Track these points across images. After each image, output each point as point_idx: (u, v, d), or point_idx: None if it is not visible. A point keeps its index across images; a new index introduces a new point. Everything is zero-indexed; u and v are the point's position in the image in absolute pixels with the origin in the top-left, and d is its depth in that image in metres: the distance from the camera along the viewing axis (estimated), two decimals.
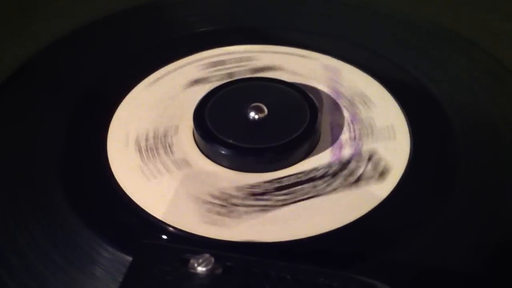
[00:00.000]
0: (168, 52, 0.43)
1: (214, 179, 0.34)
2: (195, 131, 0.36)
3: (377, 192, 0.33)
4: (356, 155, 0.35)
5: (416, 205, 0.33)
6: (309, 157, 0.35)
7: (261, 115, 0.35)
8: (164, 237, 0.31)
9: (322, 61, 0.41)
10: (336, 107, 0.38)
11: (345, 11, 0.47)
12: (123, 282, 0.26)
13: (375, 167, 0.34)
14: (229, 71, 0.41)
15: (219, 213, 0.32)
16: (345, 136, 0.36)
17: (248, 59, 0.42)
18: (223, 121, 0.36)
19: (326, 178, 0.34)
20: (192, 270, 0.25)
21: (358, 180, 0.34)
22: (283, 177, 0.34)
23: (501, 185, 0.34)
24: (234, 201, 0.33)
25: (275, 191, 0.33)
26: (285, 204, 0.33)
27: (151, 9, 0.48)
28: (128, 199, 0.33)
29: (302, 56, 0.42)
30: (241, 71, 0.41)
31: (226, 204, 0.33)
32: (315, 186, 0.33)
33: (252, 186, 0.34)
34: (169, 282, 0.25)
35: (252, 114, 0.35)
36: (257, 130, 0.35)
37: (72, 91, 0.40)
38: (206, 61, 0.42)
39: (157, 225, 0.32)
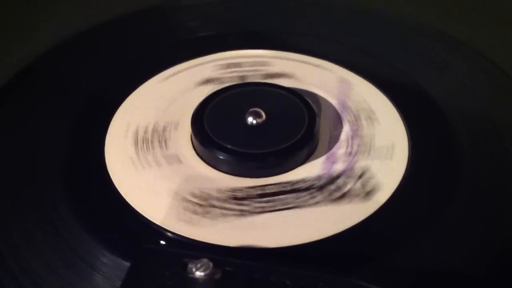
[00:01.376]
0: (172, 54, 0.43)
1: (206, 182, 0.34)
2: (192, 136, 0.36)
3: (360, 209, 0.33)
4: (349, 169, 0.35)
5: (417, 209, 0.33)
6: (302, 165, 0.35)
7: (259, 120, 0.35)
8: (162, 242, 0.31)
9: (326, 67, 0.41)
10: (337, 118, 0.38)
11: (343, 15, 0.47)
12: (122, 287, 0.26)
13: (365, 182, 0.34)
14: (242, 74, 0.41)
15: (201, 214, 0.32)
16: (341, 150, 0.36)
17: (263, 64, 0.42)
18: (221, 125, 0.36)
19: (311, 191, 0.33)
20: (191, 275, 0.25)
21: (342, 196, 0.33)
22: (267, 185, 0.34)
23: (503, 189, 0.34)
24: (228, 204, 0.33)
25: (258, 197, 0.33)
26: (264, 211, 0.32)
27: (154, 12, 0.48)
28: (127, 204, 0.33)
29: (312, 64, 0.42)
30: (255, 75, 0.41)
31: (219, 206, 0.33)
32: (298, 197, 0.33)
33: (249, 190, 0.34)
34: (169, 287, 0.25)
35: (250, 119, 0.35)
36: (254, 135, 0.35)
37: (74, 95, 0.40)
38: (221, 62, 0.42)
39: (154, 230, 0.32)
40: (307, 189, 0.33)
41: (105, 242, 0.31)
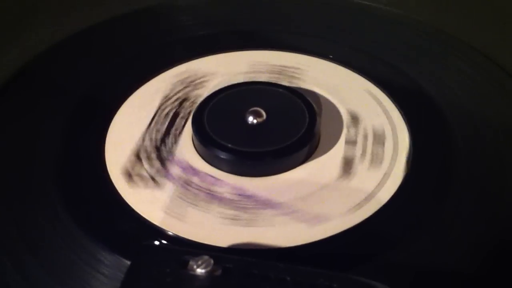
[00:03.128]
0: (169, 55, 0.43)
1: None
2: (193, 135, 0.36)
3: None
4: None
5: (416, 208, 0.33)
6: (303, 165, 0.35)
7: (260, 120, 0.35)
8: (163, 241, 0.31)
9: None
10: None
11: (340, 12, 0.47)
12: (122, 285, 0.26)
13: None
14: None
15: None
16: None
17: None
18: (222, 125, 0.36)
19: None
20: (191, 272, 0.25)
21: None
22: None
23: (501, 188, 0.34)
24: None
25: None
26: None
27: (148, 13, 0.48)
28: (126, 204, 0.33)
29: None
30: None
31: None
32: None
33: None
34: (169, 284, 0.25)
35: (250, 119, 0.35)
36: (255, 135, 0.35)
37: (70, 96, 0.40)
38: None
39: (155, 230, 0.32)
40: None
41: (105, 242, 0.31)
